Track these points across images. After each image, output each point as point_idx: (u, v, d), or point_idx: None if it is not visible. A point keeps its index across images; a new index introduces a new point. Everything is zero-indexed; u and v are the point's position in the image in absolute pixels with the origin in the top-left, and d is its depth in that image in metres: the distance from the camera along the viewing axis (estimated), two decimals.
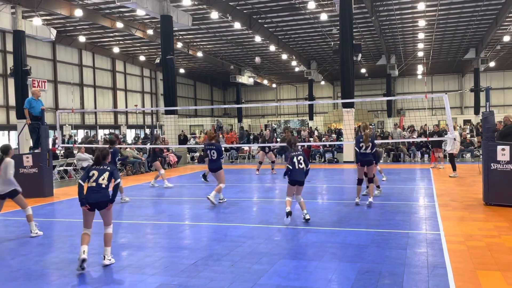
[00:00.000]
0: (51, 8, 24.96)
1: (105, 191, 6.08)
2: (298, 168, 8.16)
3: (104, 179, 6.10)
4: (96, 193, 6.03)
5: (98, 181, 6.08)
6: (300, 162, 8.19)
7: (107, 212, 6.21)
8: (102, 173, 6.13)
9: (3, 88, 31.55)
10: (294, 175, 8.16)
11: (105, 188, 6.07)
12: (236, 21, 27.02)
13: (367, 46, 36.93)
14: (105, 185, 6.08)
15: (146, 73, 47.20)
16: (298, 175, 8.17)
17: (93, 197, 6.03)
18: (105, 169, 6.18)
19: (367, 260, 5.90)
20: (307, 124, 45.10)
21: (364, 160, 9.90)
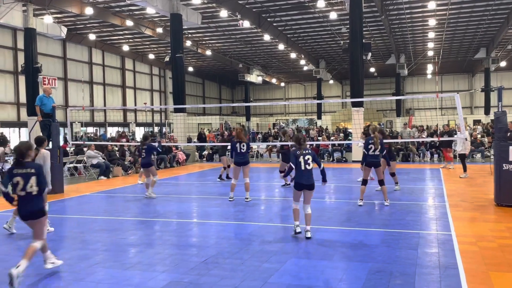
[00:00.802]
0: (62, 6, 25.12)
1: (37, 199, 5.34)
2: (305, 169, 7.00)
3: (32, 186, 5.30)
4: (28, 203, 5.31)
5: (26, 189, 5.29)
6: (307, 163, 7.01)
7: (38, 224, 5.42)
8: (28, 179, 5.30)
9: (14, 85, 31.82)
10: (300, 178, 7.01)
11: (37, 196, 5.32)
12: (245, 19, 27.00)
13: (377, 45, 36.76)
14: (37, 191, 5.31)
15: (155, 71, 47.36)
16: (305, 178, 6.99)
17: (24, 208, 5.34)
18: (30, 173, 5.33)
19: (377, 260, 5.87)
20: (315, 123, 44.99)
21: (373, 162, 9.77)
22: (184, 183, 15.40)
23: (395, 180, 12.18)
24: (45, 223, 5.61)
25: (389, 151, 12.45)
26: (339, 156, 22.18)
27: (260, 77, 48.33)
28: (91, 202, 11.35)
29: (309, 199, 7.20)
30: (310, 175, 7.07)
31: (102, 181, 15.58)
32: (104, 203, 11.39)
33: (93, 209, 10.23)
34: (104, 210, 10.24)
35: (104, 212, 9.95)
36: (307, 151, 7.13)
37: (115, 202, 11.38)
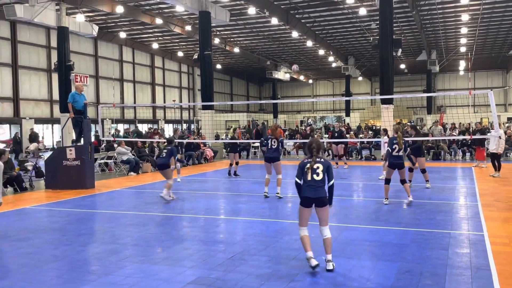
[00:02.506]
0: (93, 5, 25.64)
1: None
2: (312, 179, 5.50)
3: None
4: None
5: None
6: (317, 173, 5.50)
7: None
8: None
9: (47, 83, 32.70)
10: (306, 191, 5.52)
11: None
12: (274, 16, 26.94)
13: (407, 41, 36.07)
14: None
15: (184, 69, 47.83)
16: (311, 191, 5.47)
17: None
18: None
19: (407, 260, 5.77)
20: (343, 120, 44.56)
21: (396, 163, 9.59)
22: (211, 179, 15.50)
23: (426, 178, 11.93)
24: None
25: (418, 147, 12.22)
26: (368, 154, 21.90)
27: (287, 74, 48.16)
28: (121, 197, 11.56)
29: (326, 219, 5.55)
30: (319, 187, 5.48)
31: (132, 177, 15.86)
32: (134, 199, 11.58)
33: (123, 204, 10.41)
34: (134, 205, 10.41)
35: (134, 207, 10.11)
36: (319, 160, 5.60)
37: (144, 198, 11.55)
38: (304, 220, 5.57)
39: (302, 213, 5.56)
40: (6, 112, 29.89)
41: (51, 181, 12.96)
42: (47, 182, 13.11)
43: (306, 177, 5.51)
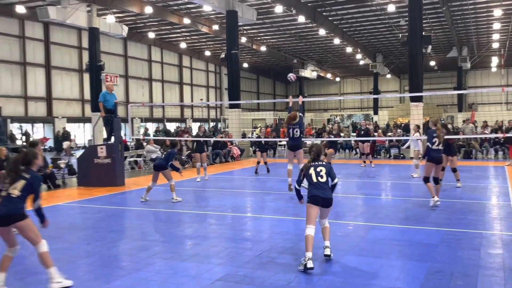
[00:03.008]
0: (123, 6, 26.11)
1: (14, 203, 4.87)
2: (317, 181, 5.77)
3: (16, 189, 4.90)
4: (2, 205, 4.88)
5: (8, 190, 4.92)
6: (321, 175, 5.78)
7: (23, 229, 4.89)
8: (15, 181, 4.95)
9: (79, 83, 33.50)
10: (315, 191, 5.74)
11: (15, 199, 4.88)
12: (300, 14, 26.83)
13: (437, 38, 35.32)
14: (17, 195, 4.88)
15: (211, 68, 48.17)
16: (319, 190, 5.72)
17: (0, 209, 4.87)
18: (22, 176, 4.98)
19: (437, 260, 5.68)
20: (371, 119, 44.01)
21: (437, 157, 9.02)
22: (238, 177, 15.60)
23: (457, 177, 11.68)
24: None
25: (449, 145, 11.96)
26: (396, 152, 21.59)
27: (314, 72, 47.86)
28: (150, 195, 11.74)
29: (327, 214, 5.92)
30: (325, 188, 5.75)
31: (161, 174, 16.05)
32: (162, 196, 11.74)
33: (151, 202, 10.59)
34: (162, 202, 10.57)
35: (162, 204, 10.27)
36: (321, 163, 5.92)
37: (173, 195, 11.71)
38: (312, 218, 5.65)
39: (311, 211, 5.68)
40: (40, 111, 30.77)
41: (83, 179, 13.30)
42: (79, 179, 13.46)
43: (311, 179, 5.77)
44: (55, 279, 4.91)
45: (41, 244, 4.92)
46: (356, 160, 20.83)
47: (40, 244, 4.92)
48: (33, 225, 4.95)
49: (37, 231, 4.98)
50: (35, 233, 4.94)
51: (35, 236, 4.93)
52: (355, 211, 9.14)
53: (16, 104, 29.32)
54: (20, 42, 29.60)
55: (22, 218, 4.87)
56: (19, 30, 29.51)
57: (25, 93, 29.88)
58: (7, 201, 4.89)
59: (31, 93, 30.25)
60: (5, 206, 4.87)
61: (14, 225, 4.87)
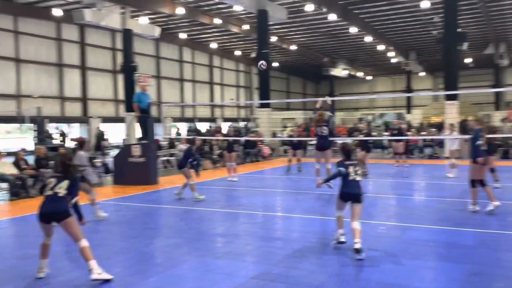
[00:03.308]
0: (155, 7, 26.52)
1: (60, 202, 5.23)
2: (353, 179, 6.13)
3: (61, 188, 5.28)
4: (50, 203, 5.23)
5: (54, 189, 5.29)
6: (357, 174, 6.18)
7: (67, 226, 5.21)
8: (60, 181, 5.34)
9: (113, 83, 34.24)
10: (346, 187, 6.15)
11: (62, 198, 5.24)
12: (331, 12, 26.61)
13: (473, 34, 34.35)
14: (63, 194, 5.25)
15: (241, 68, 48.35)
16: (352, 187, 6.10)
17: (45, 207, 5.22)
18: (66, 176, 5.39)
19: (476, 262, 5.54)
20: (404, 118, 43.23)
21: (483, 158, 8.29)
22: (269, 177, 15.62)
23: (495, 177, 11.36)
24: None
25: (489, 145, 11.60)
26: (431, 152, 21.15)
27: (345, 71, 47.38)
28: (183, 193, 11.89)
29: (358, 214, 6.05)
30: (358, 186, 6.14)
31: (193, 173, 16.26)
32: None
33: (184, 200, 10.72)
34: (195, 201, 10.70)
35: (195, 203, 10.39)
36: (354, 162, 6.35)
37: (205, 194, 11.84)
38: (341, 206, 6.31)
39: (340, 203, 6.32)
40: (75, 111, 31.62)
41: (118, 177, 13.60)
42: (115, 178, 13.77)
43: (346, 177, 6.14)
44: (96, 270, 5.13)
45: (82, 241, 5.20)
46: (389, 160, 20.52)
47: (81, 241, 5.18)
48: (76, 223, 5.28)
49: (79, 228, 5.28)
50: (78, 230, 5.24)
51: (78, 233, 5.21)
52: (388, 211, 9.02)
53: (53, 105, 30.21)
54: (57, 44, 30.48)
55: (67, 216, 5.21)
56: (56, 32, 30.39)
57: (62, 93, 30.77)
58: (53, 199, 5.23)
59: (67, 93, 31.11)
60: (52, 204, 5.21)
61: (61, 222, 5.18)
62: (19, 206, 10.27)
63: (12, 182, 11.10)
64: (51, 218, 5.22)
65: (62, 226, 5.21)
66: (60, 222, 5.19)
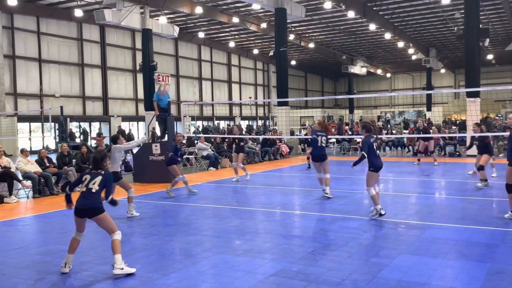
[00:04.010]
0: (174, 7, 26.75)
1: (94, 197, 5.41)
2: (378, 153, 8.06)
3: (95, 184, 5.45)
4: (84, 198, 5.42)
5: (88, 186, 5.46)
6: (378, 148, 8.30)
7: (100, 221, 5.44)
8: (94, 177, 5.52)
9: (133, 82, 34.66)
10: (377, 161, 7.96)
11: (95, 194, 5.41)
12: (350, 9, 26.44)
13: (495, 30, 33.75)
14: (96, 190, 5.42)
15: (259, 66, 48.41)
16: (379, 161, 8.03)
17: (81, 202, 5.43)
18: (99, 173, 5.57)
19: (498, 260, 5.48)
20: (424, 115, 42.71)
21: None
22: (287, 175, 15.63)
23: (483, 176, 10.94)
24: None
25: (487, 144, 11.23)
26: (452, 150, 20.86)
27: (364, 68, 47.03)
28: (202, 191, 12.00)
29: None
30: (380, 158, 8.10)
31: (212, 171, 16.41)
32: (214, 192, 12.00)
33: (204, 198, 10.82)
34: (214, 199, 10.78)
35: (214, 200, 10.48)
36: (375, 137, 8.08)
37: (224, 192, 11.93)
38: (374, 182, 7.98)
39: (374, 176, 7.96)
40: (96, 110, 32.13)
41: (138, 175, 13.79)
42: (135, 175, 13.96)
43: (374, 152, 7.92)
44: (119, 265, 5.28)
45: (116, 232, 5.44)
46: (408, 158, 20.33)
47: (115, 232, 5.44)
48: (109, 217, 5.50)
49: (112, 222, 5.53)
50: (111, 223, 5.48)
51: (112, 226, 5.46)
52: (410, 209, 8.95)
53: (75, 104, 30.76)
54: (78, 44, 31.01)
55: (101, 211, 5.43)
56: (77, 33, 30.92)
57: (83, 93, 31.28)
58: (87, 195, 5.44)
59: (89, 93, 31.62)
60: (87, 200, 5.42)
61: (94, 217, 5.40)
62: (43, 203, 10.50)
63: (36, 180, 11.35)
64: (85, 213, 5.42)
65: (95, 221, 5.44)
66: (92, 217, 5.39)
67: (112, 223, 5.49)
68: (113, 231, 5.43)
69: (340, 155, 22.74)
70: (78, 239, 5.58)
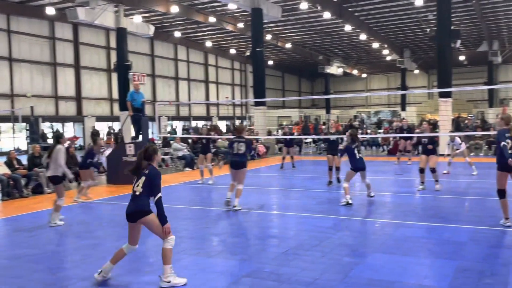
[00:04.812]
0: (150, 6, 26.45)
1: (139, 200, 5.03)
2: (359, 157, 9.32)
3: (138, 185, 5.03)
4: (130, 201, 5.12)
5: (134, 188, 5.07)
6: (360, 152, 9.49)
7: (150, 224, 5.05)
8: (139, 178, 5.07)
9: (107, 82, 34.15)
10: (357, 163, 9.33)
11: (139, 197, 5.03)
12: (326, 10, 26.64)
13: (466, 32, 34.50)
14: (139, 192, 5.01)
15: (236, 66, 48.33)
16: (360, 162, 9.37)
17: (127, 206, 5.10)
18: (144, 173, 5.05)
19: (466, 258, 5.59)
20: (398, 115, 43.36)
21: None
22: (264, 175, 15.63)
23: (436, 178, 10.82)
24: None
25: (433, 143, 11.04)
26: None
27: (340, 68, 47.44)
28: (177, 192, 11.91)
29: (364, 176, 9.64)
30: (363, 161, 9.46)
31: (187, 172, 16.29)
32: (189, 193, 11.91)
33: (179, 199, 10.74)
34: (189, 200, 10.71)
35: (189, 201, 10.40)
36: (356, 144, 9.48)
37: (199, 193, 11.85)
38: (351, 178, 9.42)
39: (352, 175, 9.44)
40: (70, 110, 31.53)
41: (112, 176, 13.57)
42: (109, 177, 13.74)
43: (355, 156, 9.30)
44: (167, 278, 4.94)
45: (168, 239, 5.00)
46: (383, 157, 20.61)
47: (167, 240, 5.00)
48: (156, 220, 5.02)
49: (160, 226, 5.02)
50: (161, 228, 5.01)
51: (159, 232, 5.03)
52: (383, 208, 9.05)
53: (47, 104, 30.11)
54: (51, 43, 30.36)
55: (146, 213, 5.00)
56: (49, 31, 30.28)
57: (56, 93, 30.65)
58: (134, 198, 5.08)
59: (62, 92, 31.00)
60: (131, 203, 5.08)
61: (140, 220, 5.01)
62: (12, 206, 10.23)
63: (5, 182, 11.06)
64: (133, 217, 5.05)
65: (144, 224, 5.05)
66: (137, 221, 5.02)
67: (159, 228, 5.01)
68: (164, 237, 5.00)
69: (316, 154, 22.88)
70: (125, 252, 5.19)
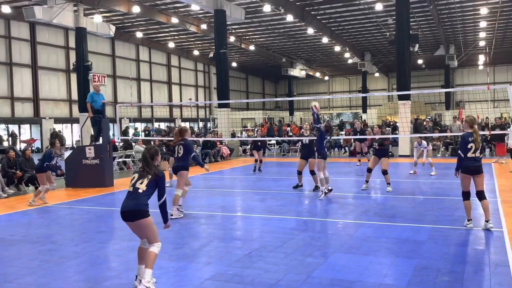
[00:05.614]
0: (110, 5, 25.93)
1: (139, 199, 4.83)
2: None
3: (142, 184, 4.87)
4: (128, 199, 4.88)
5: (135, 185, 4.89)
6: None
7: (144, 228, 4.84)
8: (142, 177, 4.92)
9: (66, 83, 33.21)
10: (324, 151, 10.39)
11: (142, 194, 4.84)
12: (289, 13, 26.89)
13: (425, 36, 35.64)
14: (143, 190, 4.85)
15: (200, 67, 48.05)
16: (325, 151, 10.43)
17: (124, 204, 4.87)
18: (148, 172, 4.93)
19: (424, 257, 5.75)
20: (360, 117, 44.28)
21: (474, 167, 6.97)
22: (228, 177, 15.60)
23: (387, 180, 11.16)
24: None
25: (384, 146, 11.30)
26: None
27: (303, 71, 48.01)
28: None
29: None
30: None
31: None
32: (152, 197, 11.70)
33: None
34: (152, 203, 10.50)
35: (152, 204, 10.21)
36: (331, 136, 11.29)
37: None
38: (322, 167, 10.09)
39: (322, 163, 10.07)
40: (27, 112, 30.47)
41: (71, 180, 13.20)
42: (67, 180, 13.35)
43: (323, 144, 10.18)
44: (147, 282, 4.65)
45: (156, 244, 4.82)
46: (345, 158, 20.97)
47: (156, 244, 4.82)
48: (153, 225, 4.86)
49: (156, 231, 4.88)
50: (154, 232, 4.85)
51: (153, 236, 4.84)
52: (345, 209, 9.20)
53: (2, 105, 29.00)
54: (6, 42, 29.27)
55: (144, 215, 4.80)
56: (4, 30, 29.18)
57: (12, 93, 29.56)
58: (133, 195, 4.83)
59: (18, 93, 29.92)
60: (132, 200, 4.81)
61: (138, 221, 4.77)
62: None
63: None
64: (131, 216, 4.78)
65: (137, 227, 4.80)
66: (134, 221, 4.77)
67: (155, 232, 4.84)
68: (153, 242, 4.81)
69: (280, 156, 23.03)
70: (145, 247, 4.88)
